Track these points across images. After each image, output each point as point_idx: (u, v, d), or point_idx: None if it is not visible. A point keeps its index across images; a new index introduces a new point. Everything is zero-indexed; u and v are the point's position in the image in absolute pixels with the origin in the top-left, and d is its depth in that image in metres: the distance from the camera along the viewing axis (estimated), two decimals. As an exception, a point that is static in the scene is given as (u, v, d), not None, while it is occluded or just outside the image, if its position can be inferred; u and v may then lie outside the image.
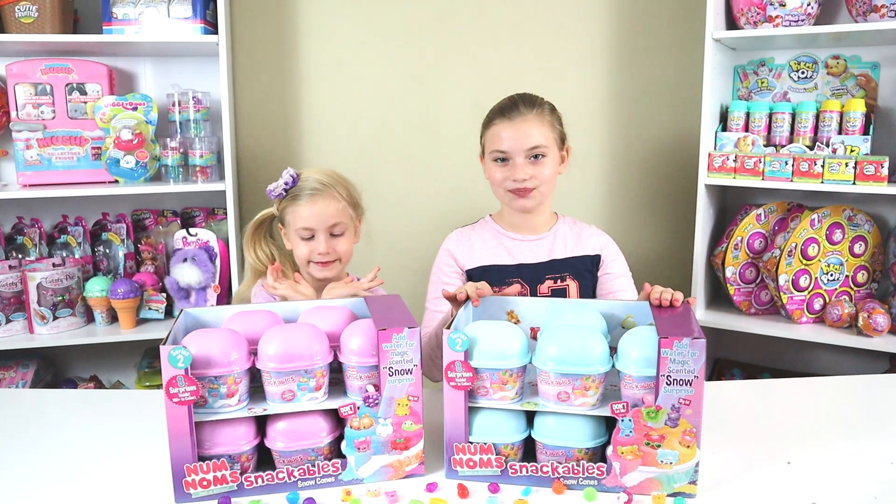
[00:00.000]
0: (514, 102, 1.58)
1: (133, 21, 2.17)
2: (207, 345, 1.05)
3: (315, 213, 1.48)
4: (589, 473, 1.05)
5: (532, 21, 2.51)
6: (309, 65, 2.50)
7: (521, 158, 1.54)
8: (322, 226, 1.49)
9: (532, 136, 1.53)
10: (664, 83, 2.54)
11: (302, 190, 1.50)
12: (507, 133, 1.54)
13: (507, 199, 1.59)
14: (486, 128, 1.62)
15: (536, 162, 1.55)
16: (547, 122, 1.57)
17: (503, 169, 1.56)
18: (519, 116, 1.54)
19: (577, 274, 1.59)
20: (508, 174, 1.55)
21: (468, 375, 1.06)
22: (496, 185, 1.59)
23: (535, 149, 1.54)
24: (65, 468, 1.16)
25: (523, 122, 1.54)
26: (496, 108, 1.60)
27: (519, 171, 1.53)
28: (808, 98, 2.34)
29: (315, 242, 1.50)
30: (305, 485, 1.07)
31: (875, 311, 2.08)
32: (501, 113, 1.57)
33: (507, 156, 1.55)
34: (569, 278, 1.58)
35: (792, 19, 2.14)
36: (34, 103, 2.22)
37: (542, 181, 1.55)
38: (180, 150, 2.26)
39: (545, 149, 1.55)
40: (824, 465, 1.14)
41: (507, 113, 1.56)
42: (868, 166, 2.03)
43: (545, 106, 1.59)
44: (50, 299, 2.14)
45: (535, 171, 1.54)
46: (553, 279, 1.57)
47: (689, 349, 0.98)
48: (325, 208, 1.48)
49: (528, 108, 1.56)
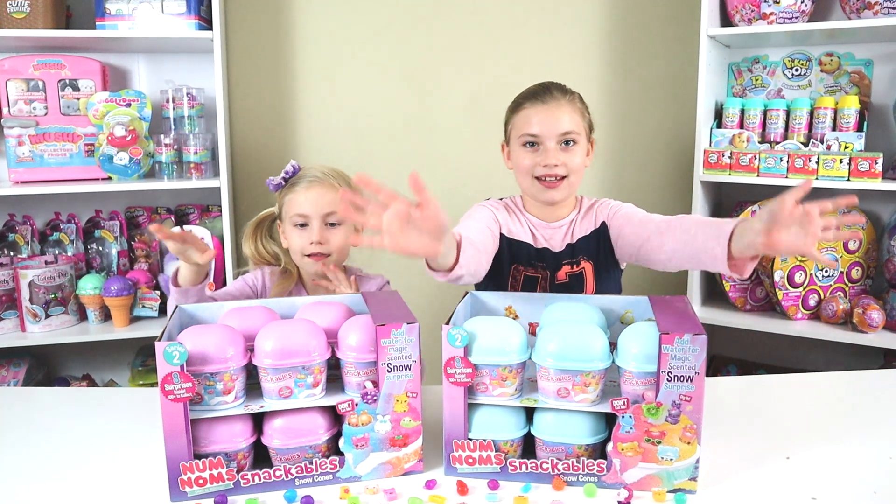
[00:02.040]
0: (547, 87, 1.52)
1: (126, 17, 2.15)
2: (203, 341, 1.04)
3: (310, 199, 1.45)
4: (589, 470, 1.05)
5: (527, 18, 2.51)
6: (304, 61, 2.49)
7: (553, 143, 1.48)
8: (317, 213, 1.45)
9: (565, 122, 1.48)
10: (659, 80, 2.54)
11: (301, 178, 1.48)
12: (540, 116, 1.48)
13: (534, 189, 1.52)
14: (513, 112, 1.54)
15: (567, 149, 1.49)
16: (578, 110, 1.51)
17: (533, 154, 1.50)
18: (552, 100, 1.49)
19: (589, 254, 1.54)
20: (539, 160, 1.48)
21: (468, 371, 1.05)
22: (523, 173, 1.52)
23: (567, 134, 1.48)
24: (58, 467, 1.15)
25: (557, 106, 1.48)
26: (526, 93, 1.54)
27: (550, 156, 1.47)
28: (802, 95, 2.35)
29: (309, 231, 1.46)
30: (303, 483, 1.06)
31: (870, 307, 2.09)
32: (534, 96, 1.51)
33: (537, 140, 1.49)
34: (583, 261, 1.53)
35: (786, 16, 2.15)
36: (26, 99, 2.21)
37: (571, 169, 1.49)
38: (174, 147, 2.25)
39: (576, 136, 1.49)
40: (823, 461, 1.14)
41: (540, 96, 1.50)
42: (862, 163, 2.04)
43: (576, 94, 1.54)
44: (42, 297, 2.12)
45: (566, 158, 1.48)
46: (569, 264, 1.53)
47: (690, 345, 0.98)
48: (322, 196, 1.45)
49: (561, 93, 1.51)
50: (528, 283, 1.53)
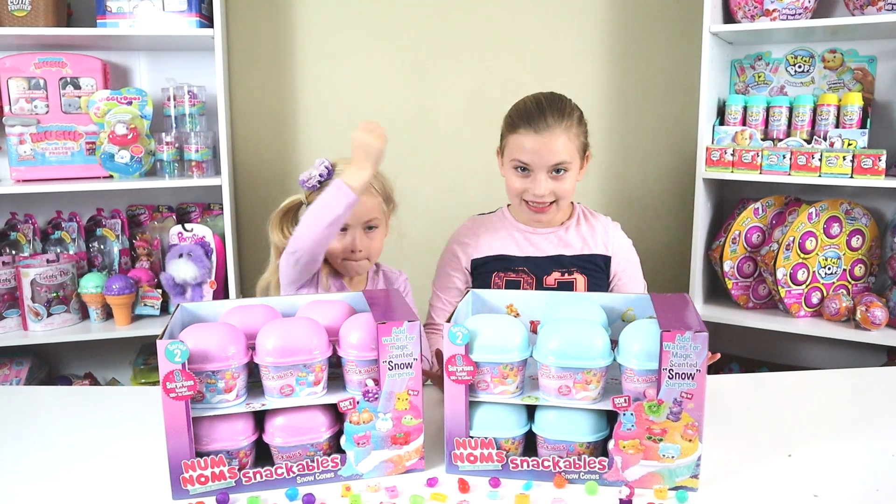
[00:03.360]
0: (542, 112, 1.48)
1: (127, 14, 2.15)
2: (205, 339, 1.04)
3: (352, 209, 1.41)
4: (590, 467, 1.04)
5: (529, 15, 2.50)
6: (305, 58, 2.49)
7: (543, 174, 1.48)
8: (358, 222, 1.44)
9: (557, 153, 1.46)
10: (661, 77, 2.54)
11: None
12: (532, 146, 1.47)
13: (521, 210, 1.55)
14: (509, 130, 1.53)
15: (558, 177, 1.49)
16: (573, 136, 1.49)
17: (523, 180, 1.50)
18: (546, 130, 1.46)
19: (585, 269, 1.55)
20: (528, 186, 1.49)
21: (469, 369, 1.05)
22: (513, 194, 1.54)
23: (559, 164, 1.48)
24: (60, 466, 1.15)
25: (551, 136, 1.46)
26: (522, 113, 1.50)
27: (540, 186, 1.48)
28: (805, 92, 2.34)
29: (349, 237, 1.45)
30: (304, 480, 1.06)
31: (873, 305, 2.08)
32: (528, 122, 1.48)
33: (528, 167, 1.49)
34: (576, 272, 1.54)
35: (789, 13, 2.14)
36: (27, 97, 2.21)
37: (561, 195, 1.50)
38: (175, 145, 2.24)
39: (568, 164, 1.48)
40: (825, 458, 1.13)
41: (534, 124, 1.47)
42: (865, 160, 2.03)
43: (574, 116, 1.50)
44: (44, 296, 2.12)
45: (556, 186, 1.49)
46: (560, 272, 1.55)
47: (692, 342, 0.97)
48: (362, 205, 1.40)
49: (557, 120, 1.47)
50: (510, 286, 1.55)
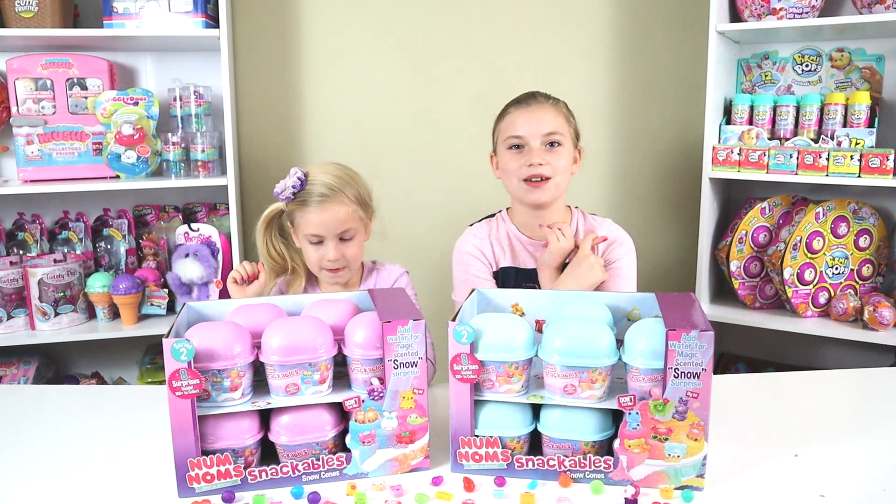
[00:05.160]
0: (531, 93, 1.59)
1: (133, 15, 2.15)
2: (211, 338, 1.04)
3: (324, 220, 1.44)
4: (596, 467, 1.04)
5: (535, 15, 2.50)
6: (311, 59, 2.49)
7: (538, 143, 1.52)
8: (331, 233, 1.45)
9: (548, 122, 1.53)
10: (668, 76, 2.53)
11: (310, 195, 1.44)
12: (523, 119, 1.54)
13: (521, 191, 1.55)
14: (499, 119, 1.61)
15: (552, 150, 1.53)
16: (563, 115, 1.57)
17: (518, 156, 1.54)
18: (536, 104, 1.56)
19: None
20: (524, 160, 1.52)
21: (474, 368, 1.05)
22: (510, 176, 1.56)
23: (551, 135, 1.53)
24: (68, 464, 1.16)
25: (540, 108, 1.55)
26: (511, 101, 1.61)
27: (535, 155, 1.51)
28: (813, 91, 2.33)
29: (324, 248, 1.47)
30: (310, 479, 1.06)
31: (881, 305, 2.07)
32: (517, 102, 1.58)
33: (522, 141, 1.53)
34: None
35: (796, 12, 2.13)
36: (34, 98, 2.22)
37: (556, 170, 1.52)
38: (182, 145, 2.25)
39: (561, 137, 1.54)
40: (831, 458, 1.13)
41: (524, 101, 1.57)
42: (873, 159, 2.02)
43: (561, 102, 1.61)
44: (51, 295, 2.13)
45: (551, 159, 1.52)
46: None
47: (697, 341, 0.97)
48: (335, 216, 1.43)
49: (545, 98, 1.58)
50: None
